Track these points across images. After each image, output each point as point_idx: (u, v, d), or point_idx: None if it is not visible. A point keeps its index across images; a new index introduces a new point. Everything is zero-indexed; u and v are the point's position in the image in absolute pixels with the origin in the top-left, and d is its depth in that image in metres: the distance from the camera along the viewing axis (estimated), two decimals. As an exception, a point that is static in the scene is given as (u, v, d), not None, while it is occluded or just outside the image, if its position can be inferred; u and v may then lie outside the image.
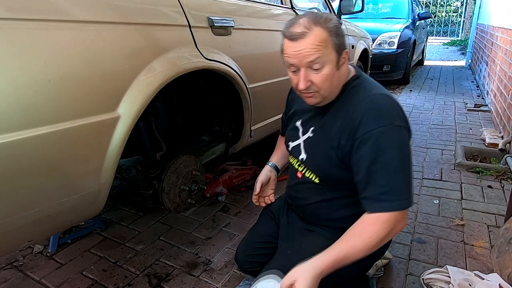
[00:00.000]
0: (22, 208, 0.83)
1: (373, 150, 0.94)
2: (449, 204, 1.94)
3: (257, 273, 1.21)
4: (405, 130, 0.98)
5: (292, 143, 1.21)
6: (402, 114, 1.01)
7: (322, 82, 0.98)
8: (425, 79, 5.89)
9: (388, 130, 0.94)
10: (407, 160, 0.97)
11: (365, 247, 0.93)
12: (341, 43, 0.98)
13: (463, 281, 1.26)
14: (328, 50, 0.95)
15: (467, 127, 3.31)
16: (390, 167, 0.94)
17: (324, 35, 0.94)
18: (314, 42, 0.93)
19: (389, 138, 0.94)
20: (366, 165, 0.95)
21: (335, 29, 0.96)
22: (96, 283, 1.39)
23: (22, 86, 0.76)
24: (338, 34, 0.97)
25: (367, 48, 3.61)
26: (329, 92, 1.02)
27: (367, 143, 0.95)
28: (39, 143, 0.80)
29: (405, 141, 0.97)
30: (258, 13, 1.76)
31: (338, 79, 1.03)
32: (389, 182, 0.94)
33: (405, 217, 0.98)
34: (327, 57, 0.95)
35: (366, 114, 0.96)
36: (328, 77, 0.97)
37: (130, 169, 1.46)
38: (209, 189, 1.99)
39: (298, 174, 1.19)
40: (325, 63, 0.96)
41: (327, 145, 1.05)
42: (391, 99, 1.02)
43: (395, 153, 0.94)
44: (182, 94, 1.62)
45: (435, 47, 10.54)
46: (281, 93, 1.92)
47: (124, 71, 0.98)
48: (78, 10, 0.89)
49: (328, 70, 0.97)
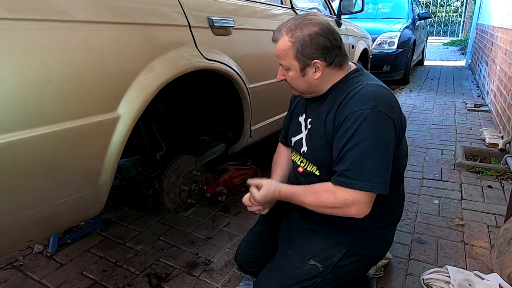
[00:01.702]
0: (22, 208, 0.83)
1: (350, 130, 0.96)
2: (449, 204, 1.94)
3: (257, 273, 1.22)
4: (389, 118, 0.98)
5: (294, 138, 1.21)
6: (391, 103, 1.01)
7: (290, 81, 1.10)
8: (425, 79, 5.89)
9: (370, 113, 0.95)
10: (382, 146, 0.97)
11: (312, 204, 1.05)
12: (307, 54, 1.01)
13: (463, 281, 1.26)
14: (288, 58, 1.04)
15: (467, 127, 3.31)
16: (361, 149, 0.95)
17: (286, 45, 1.02)
18: (278, 49, 1.05)
19: (368, 121, 0.95)
20: (341, 143, 0.98)
21: (300, 41, 1.00)
22: (96, 283, 1.39)
23: (22, 86, 0.76)
24: (303, 46, 1.00)
25: (367, 48, 3.61)
26: (302, 90, 1.11)
27: (346, 123, 0.97)
28: (39, 143, 0.80)
29: (385, 128, 0.97)
30: (258, 13, 1.76)
31: (309, 83, 1.07)
32: (356, 161, 0.95)
33: (363, 202, 0.96)
34: (289, 64, 1.05)
35: (353, 97, 1.00)
36: (293, 79, 1.08)
37: (130, 169, 1.46)
38: (209, 189, 1.98)
39: (299, 169, 1.19)
40: (289, 68, 1.06)
41: (323, 132, 1.07)
42: (385, 89, 1.03)
43: (370, 137, 0.95)
44: (182, 94, 1.62)
45: (435, 47, 10.54)
46: (281, 93, 1.93)
47: (124, 71, 0.98)
48: (78, 10, 0.89)
49: (292, 74, 1.06)
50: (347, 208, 0.98)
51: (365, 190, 0.95)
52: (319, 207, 1.04)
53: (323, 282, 1.10)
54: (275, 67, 1.77)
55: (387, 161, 0.98)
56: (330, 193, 0.99)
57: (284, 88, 1.94)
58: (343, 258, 1.11)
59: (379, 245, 1.18)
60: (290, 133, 1.26)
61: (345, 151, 0.97)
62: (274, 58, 1.10)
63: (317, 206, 1.04)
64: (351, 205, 0.97)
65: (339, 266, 1.11)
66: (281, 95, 1.94)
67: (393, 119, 0.99)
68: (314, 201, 1.03)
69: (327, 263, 1.10)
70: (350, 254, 1.12)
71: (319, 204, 1.03)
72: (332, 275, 1.11)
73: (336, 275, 1.12)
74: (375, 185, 0.95)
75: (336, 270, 1.11)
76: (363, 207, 0.97)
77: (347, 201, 0.96)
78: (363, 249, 1.13)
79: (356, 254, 1.13)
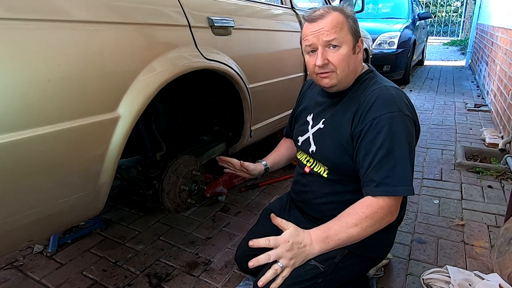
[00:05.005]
0: (22, 208, 0.83)
1: (381, 134, 0.95)
2: (449, 204, 1.94)
3: (257, 273, 1.21)
4: (412, 121, 1.00)
5: (302, 138, 1.21)
6: (411, 107, 1.03)
7: (339, 61, 1.02)
8: (425, 79, 5.89)
9: (398, 116, 0.96)
10: (410, 150, 0.98)
11: (358, 231, 0.93)
12: (358, 29, 1.04)
13: (463, 281, 1.26)
14: (344, 32, 1.01)
15: (467, 127, 3.31)
16: (397, 153, 0.95)
17: (341, 18, 1.02)
18: (332, 22, 1.00)
19: (398, 125, 0.95)
20: (373, 149, 0.96)
21: (352, 15, 1.03)
22: (96, 283, 1.39)
23: (22, 86, 0.76)
24: (355, 20, 1.04)
25: (367, 48, 3.60)
26: (345, 74, 1.04)
27: (375, 128, 0.96)
28: (39, 143, 0.80)
29: (411, 131, 0.99)
30: (258, 13, 1.76)
31: (354, 65, 1.06)
32: (394, 167, 0.94)
33: (397, 210, 0.98)
34: (344, 38, 1.01)
35: (377, 100, 0.99)
36: (345, 58, 1.02)
37: (130, 169, 1.46)
38: (209, 189, 1.99)
39: (306, 169, 1.19)
40: (342, 43, 1.01)
41: (338, 133, 1.06)
42: (402, 92, 1.05)
43: (403, 141, 0.95)
44: (182, 94, 1.62)
45: (435, 47, 10.53)
46: (281, 93, 1.93)
47: (124, 71, 0.98)
48: (78, 10, 0.89)
49: (345, 51, 1.02)
50: (391, 216, 0.96)
51: (405, 194, 0.95)
52: (367, 229, 0.93)
53: (324, 283, 1.10)
54: (275, 67, 1.78)
55: (412, 163, 0.99)
56: (375, 205, 0.94)
57: (285, 88, 1.95)
58: (343, 259, 1.11)
59: (380, 247, 1.18)
60: (296, 133, 1.26)
61: (380, 157, 0.95)
62: (275, 58, 1.10)
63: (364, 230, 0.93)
64: (395, 210, 0.96)
65: (340, 267, 1.11)
66: (282, 95, 1.94)
67: (415, 121, 1.02)
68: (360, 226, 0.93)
69: (328, 263, 1.10)
70: (351, 256, 1.12)
71: (367, 225, 0.93)
72: (333, 275, 1.11)
73: (336, 276, 1.11)
74: (410, 188, 0.96)
75: (337, 271, 1.11)
76: (396, 214, 0.98)
77: (392, 208, 0.95)
78: (364, 251, 1.13)
79: (357, 256, 1.13)
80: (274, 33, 1.83)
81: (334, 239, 0.95)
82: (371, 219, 0.93)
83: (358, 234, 0.94)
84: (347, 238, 0.95)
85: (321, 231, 0.96)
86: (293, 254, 0.93)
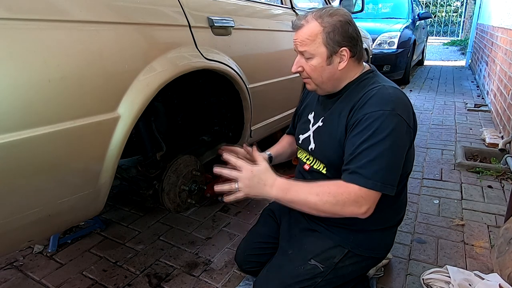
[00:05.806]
0: (22, 208, 0.83)
1: (368, 129, 0.96)
2: (449, 204, 1.94)
3: (257, 273, 1.22)
4: (405, 123, 0.98)
5: (303, 136, 1.22)
6: (408, 108, 1.02)
7: (310, 71, 1.05)
8: (425, 79, 5.89)
9: (389, 115, 0.95)
10: (396, 150, 0.97)
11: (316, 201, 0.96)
12: (338, 39, 1.00)
13: (463, 281, 1.26)
14: (316, 44, 1.01)
15: (467, 127, 3.31)
16: (377, 149, 0.94)
17: (316, 30, 1.00)
18: (304, 35, 1.02)
19: (386, 123, 0.95)
20: (357, 142, 0.97)
21: (332, 27, 0.99)
22: (96, 283, 1.39)
23: (22, 86, 0.76)
24: (334, 31, 1.00)
25: (367, 48, 3.60)
26: (320, 82, 1.07)
27: (364, 123, 0.97)
28: (39, 143, 0.80)
29: (401, 132, 0.97)
30: (258, 13, 1.76)
31: (330, 74, 1.05)
32: (371, 161, 0.94)
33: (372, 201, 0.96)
34: (315, 51, 1.02)
35: (373, 98, 0.99)
36: (316, 69, 1.04)
37: (130, 169, 1.46)
38: (209, 189, 1.98)
39: (306, 166, 1.20)
40: (313, 55, 1.03)
41: (335, 130, 1.07)
42: (402, 93, 1.04)
43: (387, 139, 0.94)
44: (182, 94, 1.62)
45: (435, 47, 10.53)
46: (281, 93, 1.93)
47: (124, 71, 0.98)
48: (78, 10, 0.89)
49: (316, 63, 1.03)
50: (356, 207, 0.95)
51: (376, 189, 0.94)
52: (325, 204, 0.95)
53: (324, 282, 1.10)
54: (275, 67, 1.78)
55: (398, 164, 0.98)
56: (343, 188, 0.95)
57: (284, 88, 1.95)
58: (343, 259, 1.11)
59: (380, 247, 1.18)
60: (298, 131, 1.26)
61: (361, 149, 0.96)
62: (274, 58, 1.10)
63: (322, 203, 0.95)
64: (363, 204, 0.95)
65: (340, 266, 1.11)
66: (282, 95, 1.94)
67: (409, 123, 1.00)
68: (320, 197, 0.95)
69: (328, 263, 1.10)
70: (351, 255, 1.12)
71: (327, 200, 0.95)
72: (333, 275, 1.11)
73: (336, 276, 1.12)
74: (387, 186, 0.95)
75: (337, 271, 1.11)
76: (372, 207, 0.97)
77: (359, 199, 0.94)
78: (364, 251, 1.13)
79: (357, 255, 1.13)
80: (274, 33, 1.83)
81: (292, 195, 0.99)
82: (333, 197, 0.95)
83: (316, 204, 0.96)
84: (303, 201, 0.98)
85: (286, 182, 1.01)
86: (251, 184, 0.99)
